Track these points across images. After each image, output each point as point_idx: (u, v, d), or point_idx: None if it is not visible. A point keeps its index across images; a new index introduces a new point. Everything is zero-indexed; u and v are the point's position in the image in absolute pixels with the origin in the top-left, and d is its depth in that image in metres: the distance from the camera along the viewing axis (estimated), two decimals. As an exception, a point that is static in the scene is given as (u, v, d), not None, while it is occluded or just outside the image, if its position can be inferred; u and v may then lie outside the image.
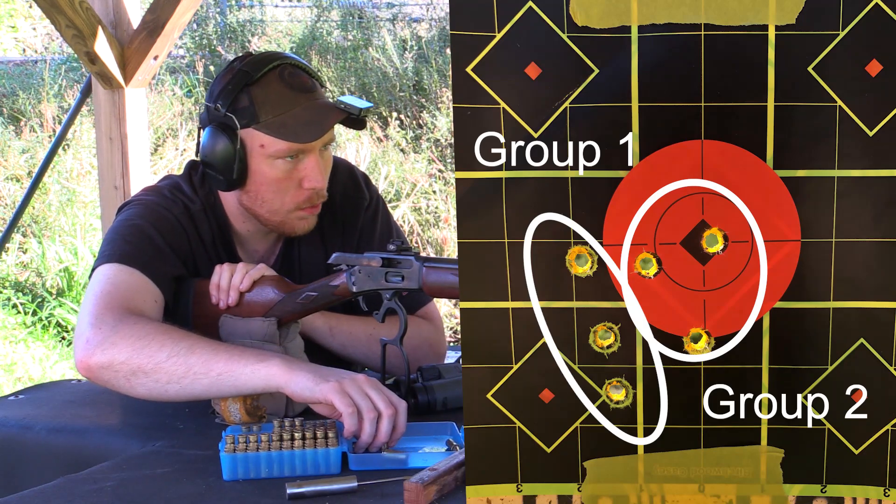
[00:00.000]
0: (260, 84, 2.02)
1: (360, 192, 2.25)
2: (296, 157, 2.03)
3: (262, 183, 2.05)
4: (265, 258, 2.19)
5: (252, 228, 2.15)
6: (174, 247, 2.04)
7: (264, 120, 2.01)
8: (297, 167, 2.04)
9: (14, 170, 7.16)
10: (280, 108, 2.01)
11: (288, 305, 2.01)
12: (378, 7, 9.35)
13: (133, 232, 2.01)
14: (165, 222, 2.05)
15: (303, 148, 2.02)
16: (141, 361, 1.80)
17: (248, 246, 2.18)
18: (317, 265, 2.17)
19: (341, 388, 1.75)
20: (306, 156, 2.03)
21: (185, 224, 2.07)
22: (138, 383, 1.82)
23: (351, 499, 1.63)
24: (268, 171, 2.04)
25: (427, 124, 7.52)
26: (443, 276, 1.91)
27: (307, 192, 2.05)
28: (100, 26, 3.53)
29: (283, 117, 2.01)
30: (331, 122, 2.00)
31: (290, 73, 2.03)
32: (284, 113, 2.01)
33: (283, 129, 2.00)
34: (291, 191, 2.05)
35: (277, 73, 2.02)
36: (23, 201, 4.38)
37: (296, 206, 2.07)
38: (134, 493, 1.68)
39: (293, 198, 2.06)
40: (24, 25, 10.30)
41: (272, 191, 2.05)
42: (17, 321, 5.79)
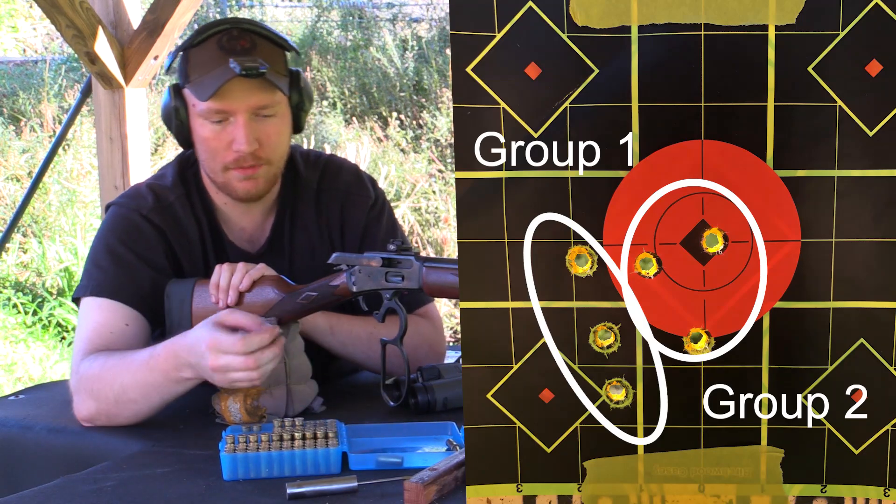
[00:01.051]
0: (200, 47, 2.06)
1: (364, 191, 2.27)
2: (225, 120, 2.05)
3: (198, 142, 2.10)
4: (254, 238, 2.20)
5: (226, 201, 2.16)
6: (147, 258, 2.09)
7: (192, 80, 2.05)
8: (226, 129, 2.05)
9: (14, 170, 7.16)
10: (206, 68, 2.04)
11: (288, 305, 2.01)
12: (378, 7, 9.35)
13: (105, 253, 2.10)
14: (135, 232, 2.11)
15: (224, 108, 2.03)
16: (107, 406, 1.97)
17: (232, 224, 2.19)
18: (309, 252, 2.19)
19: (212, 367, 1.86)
20: (235, 119, 2.04)
21: (159, 223, 2.11)
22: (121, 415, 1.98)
23: (351, 499, 1.63)
24: (200, 131, 2.08)
25: (427, 124, 7.52)
26: (443, 276, 1.91)
27: (234, 154, 2.06)
28: (100, 26, 3.53)
29: (205, 77, 2.03)
30: (222, 81, 2.00)
31: (229, 38, 2.05)
32: (207, 73, 2.03)
33: (199, 87, 2.03)
34: (221, 151, 2.07)
35: (218, 37, 2.05)
36: (23, 201, 4.38)
37: (226, 167, 2.08)
38: (134, 493, 1.68)
39: (223, 158, 2.08)
40: (24, 25, 10.30)
41: (204, 150, 2.10)
42: (17, 321, 5.79)
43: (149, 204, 2.12)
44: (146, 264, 2.08)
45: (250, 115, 2.05)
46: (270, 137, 2.08)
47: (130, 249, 2.08)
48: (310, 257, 2.19)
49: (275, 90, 2.05)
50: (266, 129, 2.08)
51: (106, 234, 2.12)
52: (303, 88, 2.14)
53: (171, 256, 2.11)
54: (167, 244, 2.11)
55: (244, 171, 2.08)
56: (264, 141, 2.07)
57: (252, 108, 2.04)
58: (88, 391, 1.98)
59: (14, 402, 2.23)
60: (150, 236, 2.10)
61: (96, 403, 1.97)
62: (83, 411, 1.99)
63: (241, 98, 2.03)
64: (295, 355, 2.03)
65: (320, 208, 2.23)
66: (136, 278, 2.07)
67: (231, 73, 1.99)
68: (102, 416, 1.98)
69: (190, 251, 2.13)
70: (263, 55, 2.04)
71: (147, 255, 2.09)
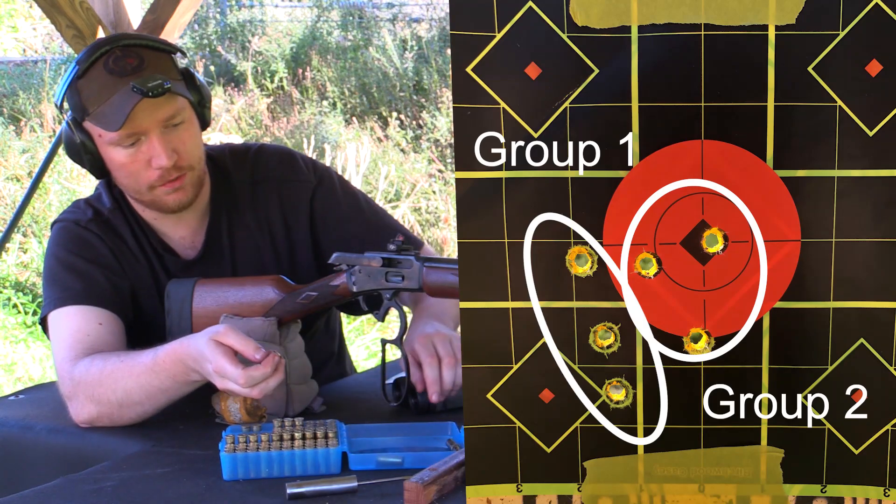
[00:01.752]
0: (87, 76, 2.02)
1: (300, 174, 2.23)
2: (137, 141, 2.02)
3: (115, 169, 2.08)
4: (192, 245, 2.19)
5: (156, 216, 2.15)
6: (97, 261, 2.09)
7: (92, 111, 2.02)
8: (141, 149, 2.03)
9: (14, 170, 7.16)
10: (102, 96, 2.00)
11: (288, 305, 2.01)
12: (378, 7, 9.36)
13: (58, 267, 2.10)
14: (79, 241, 2.11)
15: (135, 131, 2.01)
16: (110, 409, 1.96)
17: (169, 235, 2.18)
18: (252, 250, 2.18)
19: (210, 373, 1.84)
20: (147, 137, 2.02)
21: (99, 232, 2.12)
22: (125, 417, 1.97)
23: (351, 499, 1.63)
24: (115, 158, 2.05)
25: (427, 124, 7.52)
26: (443, 276, 1.91)
27: (157, 172, 2.04)
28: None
29: (103, 107, 2.00)
30: (130, 107, 1.97)
31: (115, 59, 2.01)
32: (105, 102, 2.00)
33: (103, 118, 2.00)
34: (142, 172, 2.05)
35: (103, 61, 2.01)
36: (23, 201, 4.37)
37: (151, 186, 2.06)
38: (134, 493, 1.68)
39: (146, 178, 2.05)
40: (24, 25, 10.31)
41: (124, 175, 2.07)
42: (17, 321, 5.79)
43: (88, 216, 2.14)
44: (98, 266, 2.09)
45: (161, 130, 2.02)
46: (185, 144, 2.06)
47: (79, 256, 2.09)
48: (254, 255, 2.18)
49: (177, 98, 2.02)
50: (179, 137, 2.05)
51: (54, 249, 2.13)
52: (199, 85, 2.10)
53: (116, 259, 2.12)
54: (111, 251, 2.12)
55: (171, 185, 2.06)
56: (180, 149, 2.05)
57: (161, 122, 2.01)
58: (88, 396, 1.96)
59: (14, 402, 2.23)
60: (94, 242, 2.11)
61: (97, 407, 1.96)
62: (83, 415, 1.99)
63: (150, 116, 1.99)
64: (295, 355, 2.03)
65: (256, 203, 2.20)
66: (92, 281, 2.07)
67: (135, 98, 1.96)
68: (105, 418, 1.98)
69: (133, 260, 2.13)
70: (156, 68, 2.01)
71: (96, 258, 2.09)
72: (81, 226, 2.12)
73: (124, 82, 1.98)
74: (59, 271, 2.10)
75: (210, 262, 2.17)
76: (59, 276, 2.09)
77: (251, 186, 2.20)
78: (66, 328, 2.04)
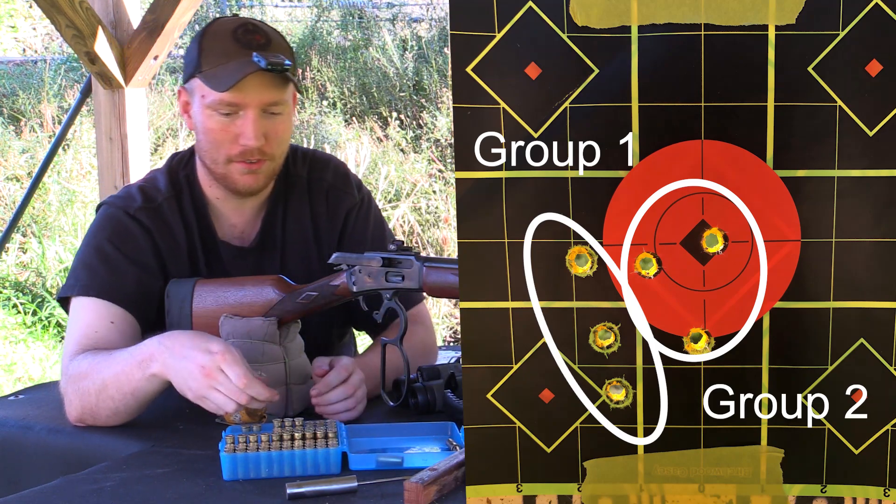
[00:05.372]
0: (213, 36, 2.06)
1: (348, 188, 2.27)
2: (234, 113, 2.04)
3: (202, 132, 2.09)
4: (245, 233, 2.20)
5: (220, 195, 2.16)
6: (133, 258, 2.09)
7: (205, 70, 2.04)
8: (235, 122, 2.05)
9: (14, 170, 7.16)
10: (220, 59, 2.03)
11: (288, 305, 2.01)
12: (378, 7, 9.35)
13: (93, 254, 2.10)
14: (122, 233, 2.11)
15: (236, 102, 2.03)
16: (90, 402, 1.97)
17: (223, 220, 2.19)
18: (301, 244, 2.20)
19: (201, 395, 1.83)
20: (245, 113, 2.04)
21: (146, 221, 2.12)
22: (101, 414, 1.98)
23: (351, 499, 1.63)
24: (206, 122, 2.07)
25: (427, 124, 7.52)
26: (443, 276, 1.91)
27: (240, 147, 2.06)
28: (100, 26, 3.53)
29: (218, 69, 2.03)
30: (244, 74, 1.99)
31: (245, 31, 2.05)
32: (221, 65, 2.02)
33: (213, 78, 2.03)
34: (226, 144, 2.07)
35: (233, 28, 2.05)
36: (23, 201, 4.38)
37: (229, 158, 2.08)
38: (134, 493, 1.68)
39: (227, 150, 2.07)
40: (24, 25, 10.30)
41: (208, 140, 2.09)
42: (17, 321, 5.79)
43: (137, 204, 2.13)
44: (133, 264, 2.08)
45: (260, 111, 2.04)
46: (277, 133, 2.09)
47: (118, 249, 2.09)
48: (303, 248, 2.20)
49: (286, 88, 2.06)
50: (274, 125, 2.08)
51: (95, 234, 2.13)
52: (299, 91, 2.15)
53: (157, 255, 2.12)
54: (154, 243, 2.11)
55: (248, 166, 2.08)
56: (270, 136, 2.07)
57: (264, 103, 2.04)
58: (75, 390, 1.98)
59: (14, 402, 2.23)
60: (137, 235, 2.11)
61: (80, 402, 1.97)
62: (72, 412, 2.00)
63: (255, 93, 2.02)
64: (295, 355, 2.04)
65: (309, 199, 2.23)
66: (122, 277, 2.07)
67: (253, 67, 1.99)
68: (87, 414, 1.98)
69: (176, 253, 2.13)
70: (281, 50, 2.05)
71: (134, 255, 2.09)
72: (129, 214, 2.12)
73: (246, 53, 2.01)
74: (93, 259, 2.10)
75: (264, 251, 2.19)
76: (92, 264, 2.09)
77: (307, 182, 2.24)
78: (79, 320, 2.06)
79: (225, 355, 1.82)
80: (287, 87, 2.06)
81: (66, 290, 2.11)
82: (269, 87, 2.03)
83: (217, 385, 1.81)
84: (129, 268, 2.08)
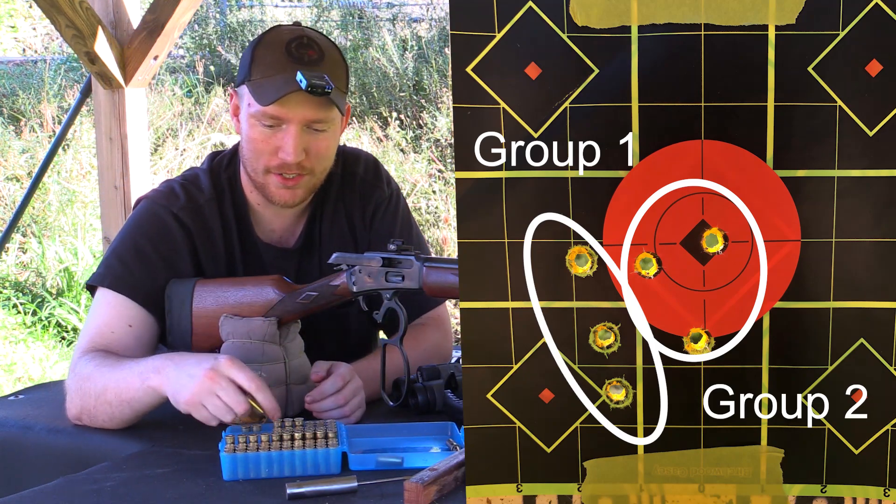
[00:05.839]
0: (266, 46, 2.05)
1: (378, 181, 2.27)
2: (277, 125, 2.04)
3: (246, 140, 2.10)
4: (284, 237, 2.20)
5: (261, 200, 2.16)
6: (169, 259, 2.08)
7: (253, 79, 2.04)
8: (276, 135, 2.05)
9: (14, 170, 7.16)
10: (268, 71, 2.03)
11: (288, 305, 2.01)
12: (378, 7, 9.35)
13: (129, 248, 2.09)
14: (162, 231, 2.10)
15: (279, 116, 2.02)
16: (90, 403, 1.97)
17: (264, 225, 2.19)
18: (338, 241, 2.20)
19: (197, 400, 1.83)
20: (287, 127, 2.04)
21: (188, 221, 2.10)
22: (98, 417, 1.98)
23: (351, 499, 1.63)
24: (250, 131, 2.07)
25: (427, 124, 7.52)
26: (443, 276, 1.91)
27: (279, 161, 2.06)
28: (100, 26, 3.53)
29: (265, 81, 2.02)
30: (285, 92, 1.99)
31: (298, 45, 2.04)
32: (268, 77, 2.02)
33: (259, 90, 2.02)
34: (266, 154, 2.07)
35: (287, 40, 2.04)
36: (23, 201, 4.38)
37: (268, 169, 2.08)
38: (134, 493, 1.68)
39: (266, 161, 2.07)
40: (24, 25, 10.30)
41: (250, 149, 2.09)
42: (17, 321, 5.79)
43: (180, 203, 2.12)
44: (167, 266, 2.08)
45: (303, 127, 2.04)
46: (319, 149, 2.08)
47: (155, 248, 2.08)
48: (339, 247, 2.19)
49: (332, 108, 2.05)
50: (316, 142, 2.07)
51: (133, 229, 2.12)
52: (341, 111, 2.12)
53: (194, 257, 2.11)
54: (192, 245, 2.11)
55: (285, 181, 2.08)
56: (311, 151, 2.07)
57: (307, 120, 2.04)
58: (77, 389, 1.99)
59: (14, 402, 2.23)
60: (176, 236, 2.10)
61: (81, 401, 1.98)
62: (72, 409, 2.01)
63: (298, 109, 2.02)
64: (295, 355, 2.04)
65: (344, 196, 2.24)
66: (154, 279, 2.07)
67: (295, 86, 1.98)
68: (85, 415, 1.99)
69: (214, 254, 2.13)
70: (329, 70, 2.03)
71: (170, 257, 2.09)
72: (172, 212, 2.11)
73: (294, 68, 2.00)
74: (128, 253, 2.09)
75: (306, 252, 2.19)
76: (126, 258, 2.08)
77: (340, 178, 2.24)
78: (99, 316, 2.06)
79: (232, 362, 1.83)
80: (331, 107, 2.04)
81: (96, 278, 2.09)
82: (311, 105, 2.02)
83: (218, 390, 1.81)
84: (162, 270, 2.07)
